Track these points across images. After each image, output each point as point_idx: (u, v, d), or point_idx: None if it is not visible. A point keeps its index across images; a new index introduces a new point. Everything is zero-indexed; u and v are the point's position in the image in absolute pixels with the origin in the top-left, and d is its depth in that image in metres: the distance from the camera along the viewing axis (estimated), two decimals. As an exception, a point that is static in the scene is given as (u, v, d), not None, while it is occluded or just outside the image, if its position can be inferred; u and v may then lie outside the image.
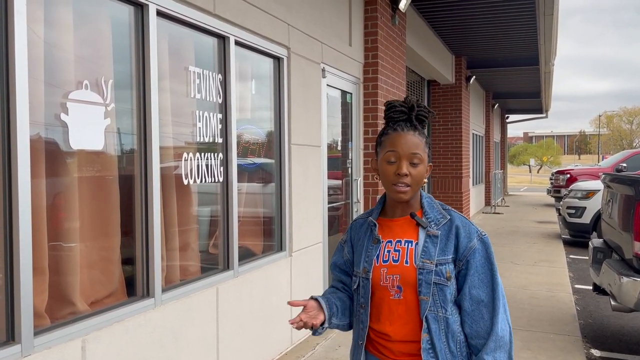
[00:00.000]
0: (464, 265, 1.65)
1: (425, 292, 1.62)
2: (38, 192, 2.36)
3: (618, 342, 4.89)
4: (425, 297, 1.62)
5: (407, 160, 1.64)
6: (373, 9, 6.02)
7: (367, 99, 6.08)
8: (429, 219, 1.69)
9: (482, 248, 1.66)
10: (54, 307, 2.46)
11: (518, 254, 9.00)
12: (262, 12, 4.00)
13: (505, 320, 1.62)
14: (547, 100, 19.05)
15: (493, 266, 1.65)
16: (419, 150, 1.65)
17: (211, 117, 3.54)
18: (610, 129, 77.60)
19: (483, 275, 1.65)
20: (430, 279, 1.62)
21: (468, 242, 1.65)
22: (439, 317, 1.63)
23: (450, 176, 12.35)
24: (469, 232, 1.66)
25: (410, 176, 1.64)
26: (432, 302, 1.62)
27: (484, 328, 1.62)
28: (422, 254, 1.64)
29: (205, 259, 3.61)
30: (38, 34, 2.37)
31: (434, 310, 1.63)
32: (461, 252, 1.65)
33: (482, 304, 1.63)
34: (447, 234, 1.66)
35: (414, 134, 1.66)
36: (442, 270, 1.63)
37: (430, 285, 1.62)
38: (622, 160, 12.95)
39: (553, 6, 7.55)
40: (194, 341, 3.24)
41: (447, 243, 1.65)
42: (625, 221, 4.36)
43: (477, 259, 1.65)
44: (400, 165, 1.64)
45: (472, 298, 1.64)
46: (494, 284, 1.64)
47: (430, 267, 1.62)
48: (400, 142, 1.65)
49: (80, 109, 2.56)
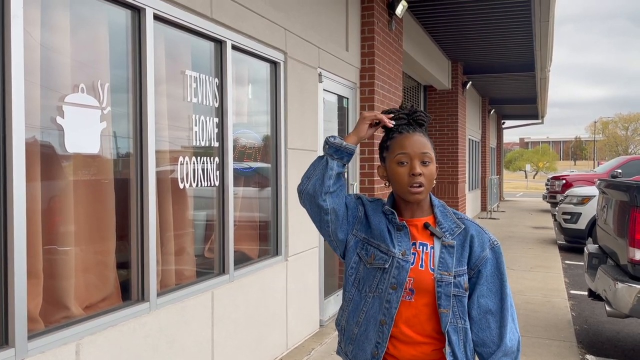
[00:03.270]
0: (475, 274, 1.64)
1: (445, 304, 1.60)
2: (33, 196, 2.36)
3: (613, 347, 4.90)
4: (446, 310, 1.59)
5: (418, 159, 1.63)
6: (370, 15, 6.04)
7: (363, 104, 6.09)
8: (443, 229, 1.66)
9: (493, 257, 1.65)
10: (48, 311, 2.44)
11: (514, 259, 9.01)
12: (259, 17, 4.01)
13: (514, 329, 1.63)
14: (543, 106, 19.14)
15: (503, 276, 1.65)
16: (428, 149, 1.64)
17: (207, 121, 3.54)
18: (606, 135, 77.90)
19: (492, 285, 1.64)
20: (449, 291, 1.60)
21: (481, 251, 1.64)
22: (459, 328, 1.61)
23: (447, 181, 12.37)
24: (482, 242, 1.65)
25: (423, 175, 1.63)
26: (452, 315, 1.60)
27: (489, 337, 1.62)
28: (440, 265, 1.62)
29: (200, 263, 3.60)
30: (35, 37, 2.37)
31: (453, 322, 1.61)
32: (473, 262, 1.64)
33: (489, 313, 1.63)
34: (462, 244, 1.65)
35: (421, 134, 1.66)
36: (460, 282, 1.61)
37: (450, 297, 1.60)
38: (618, 166, 13.00)
39: (549, 13, 7.59)
40: (189, 346, 3.22)
41: (462, 253, 1.64)
42: (620, 227, 4.37)
43: (488, 268, 1.64)
44: (413, 165, 1.62)
45: (480, 307, 1.63)
46: (502, 293, 1.63)
47: (449, 279, 1.60)
48: (409, 142, 1.64)
49: (77, 112, 2.56)
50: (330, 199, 1.68)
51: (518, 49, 10.56)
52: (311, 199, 1.69)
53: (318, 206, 1.69)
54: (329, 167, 1.67)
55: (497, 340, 1.61)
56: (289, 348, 4.53)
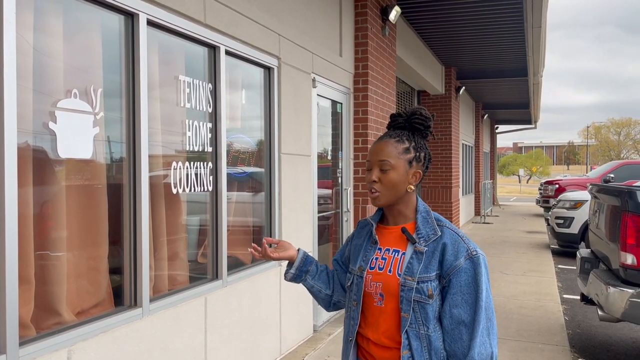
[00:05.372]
0: (447, 282, 1.61)
1: (405, 308, 1.61)
2: (25, 201, 2.35)
3: (605, 352, 4.92)
4: (406, 314, 1.61)
5: (377, 167, 1.69)
6: (363, 20, 6.07)
7: (357, 109, 6.10)
8: (420, 235, 1.67)
9: (471, 268, 1.59)
10: (40, 317, 2.43)
11: (507, 263, 9.04)
12: (253, 23, 4.02)
13: (487, 344, 1.55)
14: (536, 111, 19.24)
15: (479, 287, 1.57)
16: (387, 157, 1.67)
17: (201, 126, 3.54)
18: (599, 140, 78.34)
19: (468, 296, 1.58)
20: (410, 296, 1.61)
21: (454, 260, 1.60)
22: (421, 334, 1.60)
23: (440, 186, 12.40)
24: (456, 251, 1.61)
25: (379, 182, 1.68)
26: (413, 319, 1.60)
27: (461, 349, 1.56)
28: (406, 270, 1.63)
29: (193, 269, 3.59)
30: (28, 41, 2.37)
31: (415, 327, 1.60)
32: (445, 270, 1.61)
33: (462, 325, 1.57)
34: (433, 251, 1.63)
35: (389, 141, 1.69)
36: (423, 288, 1.60)
37: (411, 302, 1.60)
38: (610, 170, 13.08)
39: (541, 19, 7.65)
40: (182, 351, 3.21)
41: (431, 260, 1.62)
42: (612, 231, 4.40)
43: (462, 278, 1.59)
44: (371, 172, 1.70)
45: (452, 317, 1.59)
46: (477, 306, 1.56)
47: (412, 284, 1.61)
48: (373, 149, 1.72)
49: (69, 117, 2.55)
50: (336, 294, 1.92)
51: (511, 55, 10.63)
52: (339, 308, 1.96)
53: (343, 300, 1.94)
54: (309, 290, 1.93)
55: (466, 352, 1.55)
56: (283, 353, 4.52)
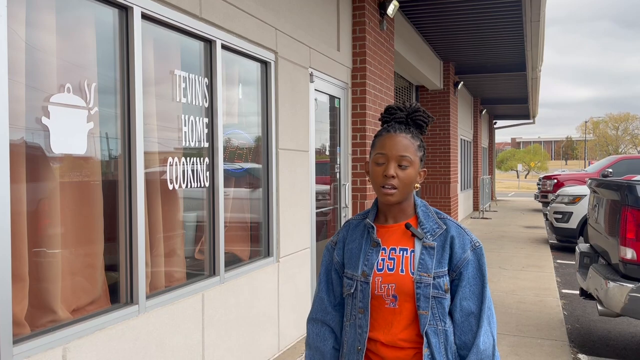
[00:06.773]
0: (457, 276, 1.63)
1: (424, 306, 1.59)
2: (18, 198, 2.31)
3: (605, 346, 4.91)
4: (425, 312, 1.58)
5: (395, 162, 1.61)
6: (361, 14, 6.03)
7: (355, 104, 6.07)
8: (425, 230, 1.65)
9: (475, 259, 1.63)
10: (34, 315, 2.40)
11: (506, 259, 9.03)
12: (249, 17, 3.98)
13: (489, 333, 1.60)
14: (534, 106, 19.23)
15: (484, 277, 1.63)
16: (408, 152, 1.61)
17: (197, 121, 3.51)
18: (597, 135, 78.45)
19: (475, 287, 1.62)
20: (428, 292, 1.59)
21: (462, 252, 1.62)
22: (439, 330, 1.59)
23: (439, 181, 12.39)
24: (463, 243, 1.63)
25: (397, 178, 1.60)
26: (431, 316, 1.59)
27: (471, 340, 1.59)
28: (419, 266, 1.60)
29: (190, 265, 3.56)
30: (20, 35, 2.33)
31: (433, 324, 1.59)
32: (454, 263, 1.62)
33: (471, 316, 1.61)
34: (443, 245, 1.63)
35: (406, 136, 1.63)
36: (440, 283, 1.60)
37: (429, 299, 1.58)
38: (608, 165, 13.08)
39: (539, 13, 7.62)
40: (179, 349, 3.19)
41: (443, 254, 1.62)
42: (611, 226, 4.38)
43: (470, 270, 1.62)
44: (388, 167, 1.61)
45: (462, 309, 1.61)
46: (483, 296, 1.61)
47: (428, 280, 1.59)
48: (389, 143, 1.62)
49: (63, 112, 2.52)
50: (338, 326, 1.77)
51: (509, 49, 10.60)
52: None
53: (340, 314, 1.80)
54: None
55: (473, 342, 1.59)
56: (281, 350, 4.50)
